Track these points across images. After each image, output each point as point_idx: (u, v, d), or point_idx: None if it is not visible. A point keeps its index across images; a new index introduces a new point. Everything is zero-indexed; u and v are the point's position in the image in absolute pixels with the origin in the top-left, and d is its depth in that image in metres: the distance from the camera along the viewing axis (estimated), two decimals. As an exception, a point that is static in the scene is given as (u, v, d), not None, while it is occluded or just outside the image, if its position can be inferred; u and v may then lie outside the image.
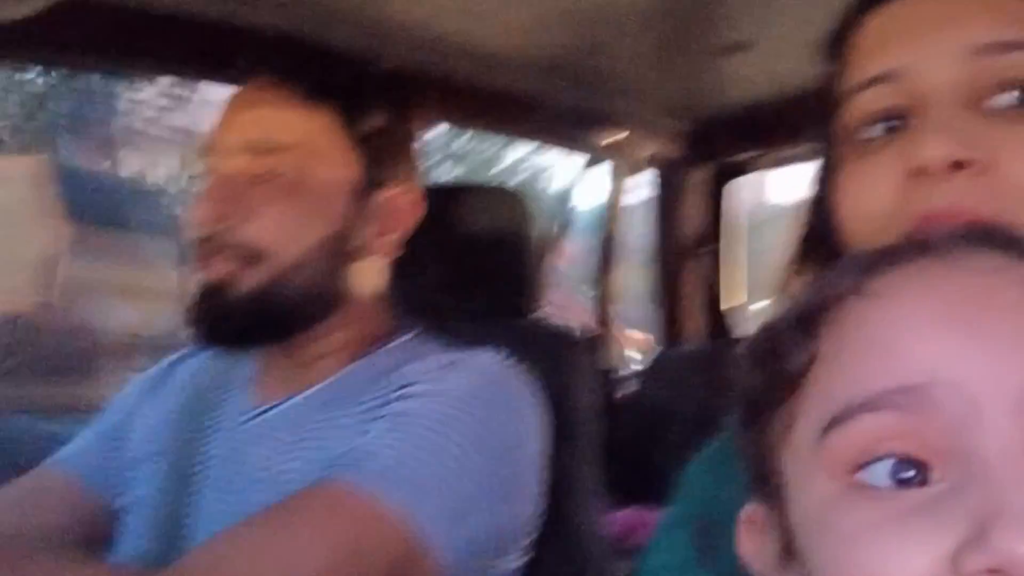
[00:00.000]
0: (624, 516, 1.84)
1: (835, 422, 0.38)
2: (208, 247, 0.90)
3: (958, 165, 0.49)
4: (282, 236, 0.89)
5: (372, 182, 0.94)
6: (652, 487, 1.91)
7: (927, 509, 0.34)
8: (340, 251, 0.92)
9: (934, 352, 0.37)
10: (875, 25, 0.56)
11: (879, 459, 0.36)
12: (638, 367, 2.27)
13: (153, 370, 1.11)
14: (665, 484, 0.72)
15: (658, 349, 2.31)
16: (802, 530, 0.39)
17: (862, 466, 0.37)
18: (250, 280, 0.89)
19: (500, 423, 0.85)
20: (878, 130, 0.54)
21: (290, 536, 0.74)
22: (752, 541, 0.44)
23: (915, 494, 0.35)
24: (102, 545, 0.99)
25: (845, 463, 0.37)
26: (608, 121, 1.88)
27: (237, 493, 0.91)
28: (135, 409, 1.07)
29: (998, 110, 0.50)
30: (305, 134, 0.91)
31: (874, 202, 0.52)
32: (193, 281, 0.92)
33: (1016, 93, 0.50)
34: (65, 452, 1.06)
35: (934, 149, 0.49)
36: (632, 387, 2.19)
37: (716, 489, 0.61)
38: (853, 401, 0.37)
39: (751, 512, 0.45)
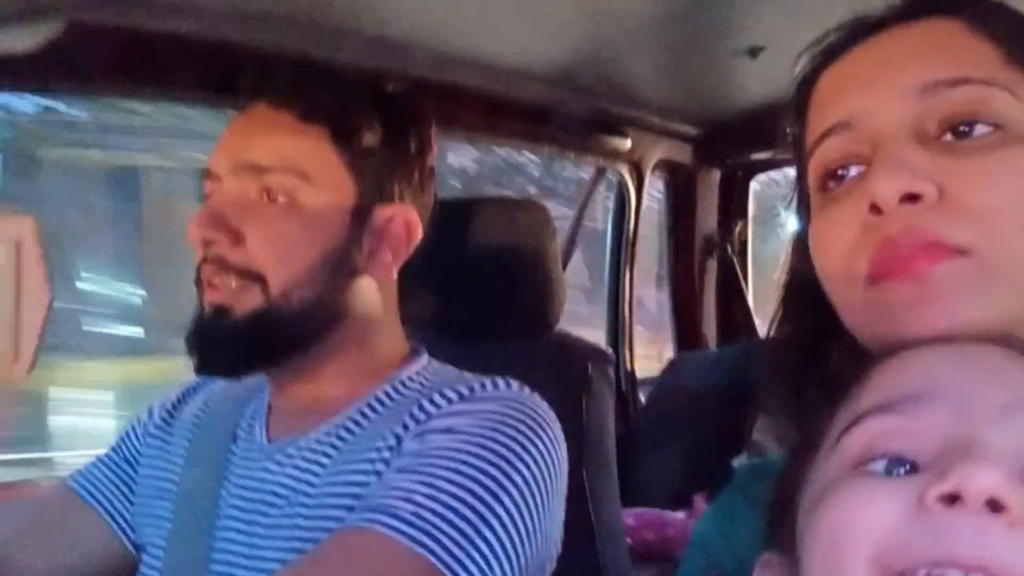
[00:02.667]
0: (639, 515, 1.82)
1: (851, 425, 0.44)
2: (206, 270, 0.89)
3: (911, 197, 0.50)
4: (276, 257, 0.88)
5: (369, 201, 0.93)
6: (667, 491, 1.93)
7: (909, 477, 0.40)
8: (337, 271, 0.91)
9: (935, 373, 0.44)
10: (828, 80, 0.59)
11: (878, 457, 0.42)
12: (654, 373, 2.25)
13: (166, 401, 1.09)
14: (679, 488, 0.71)
15: (673, 354, 2.30)
16: (804, 517, 0.44)
17: (865, 462, 0.42)
18: (246, 304, 0.88)
19: (520, 459, 0.83)
20: (841, 179, 0.56)
21: None
22: None
23: (903, 476, 0.41)
24: None
25: (852, 459, 0.43)
26: (618, 128, 1.87)
27: (258, 536, 0.88)
28: (147, 439, 1.05)
29: (951, 144, 0.52)
30: (297, 155, 0.90)
31: (839, 245, 0.54)
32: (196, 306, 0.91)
33: (967, 127, 0.52)
34: (75, 481, 1.04)
35: (885, 183, 0.50)
36: (649, 392, 2.18)
37: (727, 539, 0.63)
38: (869, 406, 0.44)
39: (766, 558, 0.48)
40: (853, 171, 0.55)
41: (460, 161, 3.89)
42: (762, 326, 2.38)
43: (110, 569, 0.99)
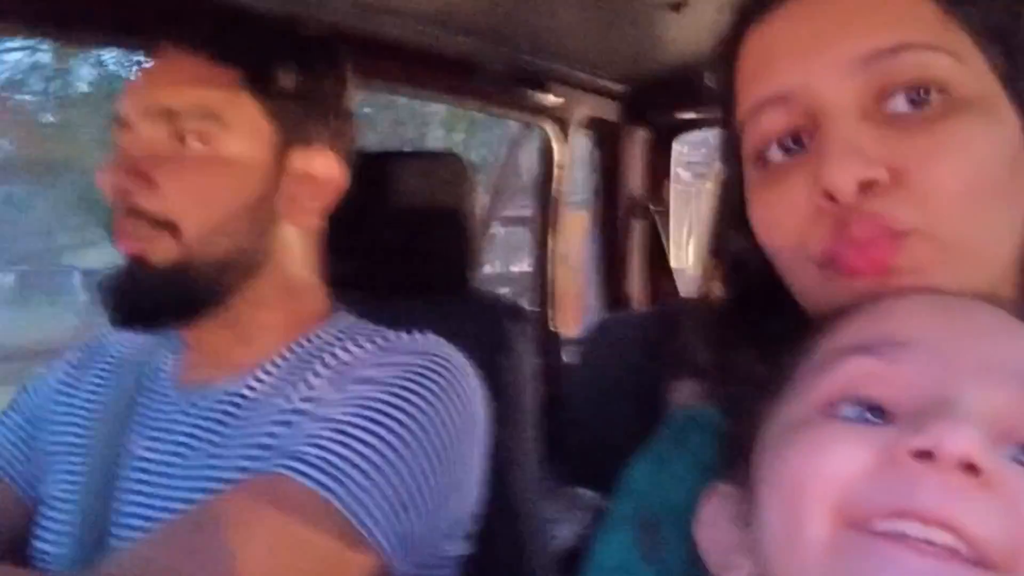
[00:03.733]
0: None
1: (827, 363, 0.43)
2: (120, 220, 0.86)
3: (866, 184, 0.49)
4: (192, 204, 0.85)
5: (287, 147, 0.91)
6: (593, 460, 1.94)
7: (880, 426, 0.39)
8: (256, 219, 0.89)
9: (915, 320, 0.43)
10: (757, 43, 0.56)
11: (850, 402, 0.41)
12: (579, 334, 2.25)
13: (72, 355, 1.06)
14: (607, 456, 0.71)
15: (599, 316, 2.30)
16: (762, 456, 0.43)
17: (835, 405, 0.41)
18: (163, 255, 0.85)
19: (438, 412, 0.82)
20: (781, 152, 0.54)
21: (226, 532, 0.71)
22: (712, 513, 0.48)
23: (873, 423, 0.40)
24: (23, 544, 0.94)
25: (821, 402, 0.41)
26: (544, 84, 1.84)
27: (166, 487, 0.86)
28: (52, 396, 1.02)
29: (898, 115, 0.50)
30: (210, 98, 0.87)
31: (790, 224, 0.52)
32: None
33: (911, 95, 0.50)
34: None
35: (839, 173, 0.48)
36: (575, 354, 2.17)
37: (659, 487, 0.61)
38: (848, 344, 0.43)
39: (719, 488, 0.48)
40: (792, 144, 0.53)
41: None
42: (684, 287, 2.41)
43: (10, 527, 0.96)
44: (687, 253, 2.39)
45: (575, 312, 2.37)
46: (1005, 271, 0.51)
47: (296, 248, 0.94)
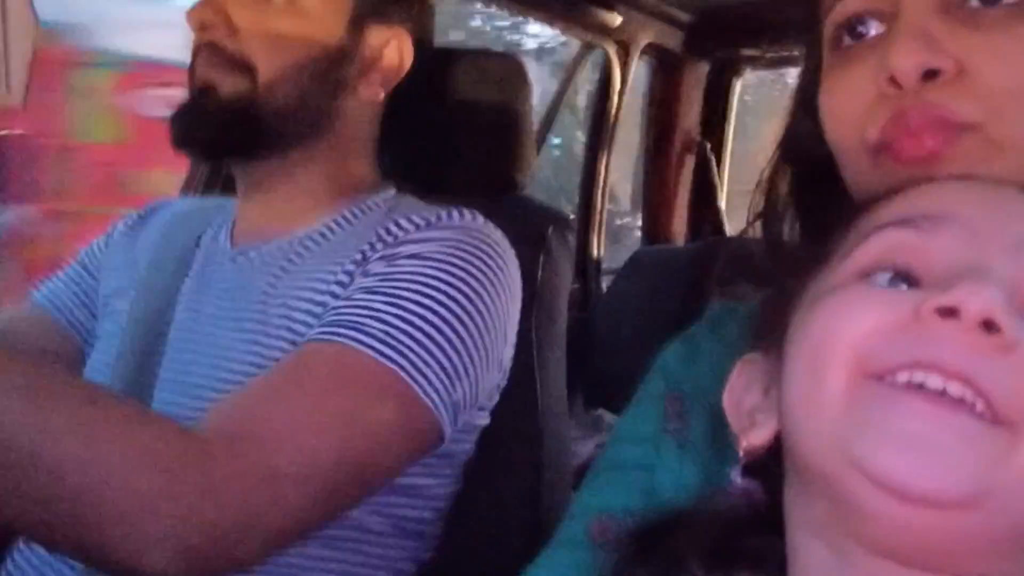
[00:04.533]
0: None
1: (865, 236, 0.43)
2: (200, 56, 0.92)
3: (930, 73, 0.49)
4: (268, 49, 0.91)
5: (365, 15, 0.95)
6: (618, 385, 1.94)
7: (909, 291, 0.40)
8: (326, 78, 0.93)
9: (953, 198, 0.44)
10: None
11: (884, 269, 0.41)
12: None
13: (133, 213, 1.10)
14: (631, 382, 0.72)
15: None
16: (796, 323, 0.43)
17: (869, 274, 0.42)
18: (231, 88, 0.90)
19: (484, 287, 0.86)
20: (858, 36, 0.54)
21: (302, 400, 0.76)
22: (741, 380, 0.48)
23: (903, 289, 0.41)
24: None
25: (856, 271, 0.42)
26: (607, 3, 1.82)
27: (211, 334, 0.90)
28: (111, 250, 1.06)
29: (976, 11, 0.50)
30: None
31: (852, 110, 0.53)
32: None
33: None
34: (37, 293, 1.05)
35: (904, 57, 0.49)
36: (611, 283, 2.17)
37: (690, 367, 0.63)
38: (886, 219, 0.43)
39: (749, 357, 0.49)
40: (872, 29, 0.53)
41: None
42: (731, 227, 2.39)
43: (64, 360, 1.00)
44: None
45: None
46: None
47: (358, 116, 0.97)
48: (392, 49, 0.97)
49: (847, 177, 0.55)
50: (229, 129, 0.90)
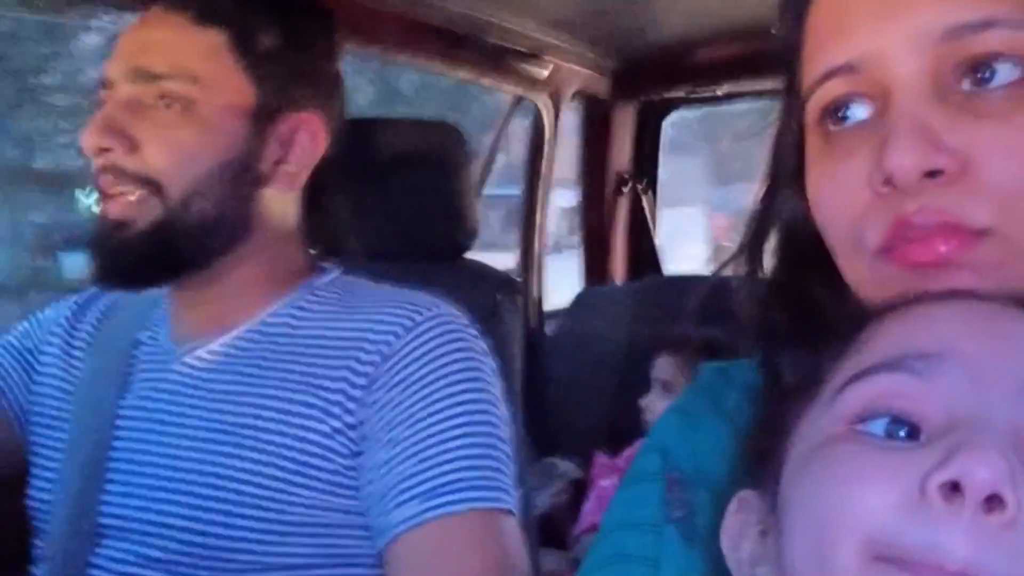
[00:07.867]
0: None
1: (854, 379, 0.42)
2: (103, 180, 0.88)
3: (931, 174, 0.45)
4: (173, 163, 0.87)
5: (271, 107, 0.91)
6: (570, 430, 1.95)
7: (910, 450, 0.38)
8: (240, 179, 0.90)
9: (951, 332, 0.42)
10: (831, 2, 0.52)
11: (879, 415, 0.40)
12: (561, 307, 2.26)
13: (70, 302, 1.06)
14: (583, 426, 0.75)
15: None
16: (792, 474, 0.42)
17: (864, 420, 0.40)
18: (145, 217, 0.86)
19: (488, 382, 0.90)
20: (846, 122, 0.50)
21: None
22: (737, 524, 0.47)
23: (902, 443, 0.39)
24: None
25: (850, 416, 0.41)
26: (536, 56, 1.84)
27: (158, 438, 0.89)
28: (51, 331, 1.03)
29: (974, 95, 0.46)
30: (191, 60, 0.87)
31: (848, 209, 0.49)
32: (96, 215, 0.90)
33: (984, 73, 0.46)
34: None
35: (903, 158, 0.45)
36: (556, 326, 2.19)
37: (688, 443, 0.59)
38: (875, 361, 0.42)
39: (744, 496, 0.48)
40: (860, 113, 0.49)
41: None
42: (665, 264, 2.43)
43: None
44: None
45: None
46: None
47: (280, 208, 0.94)
48: (303, 134, 0.93)
49: (844, 271, 0.52)
50: (150, 260, 0.88)
